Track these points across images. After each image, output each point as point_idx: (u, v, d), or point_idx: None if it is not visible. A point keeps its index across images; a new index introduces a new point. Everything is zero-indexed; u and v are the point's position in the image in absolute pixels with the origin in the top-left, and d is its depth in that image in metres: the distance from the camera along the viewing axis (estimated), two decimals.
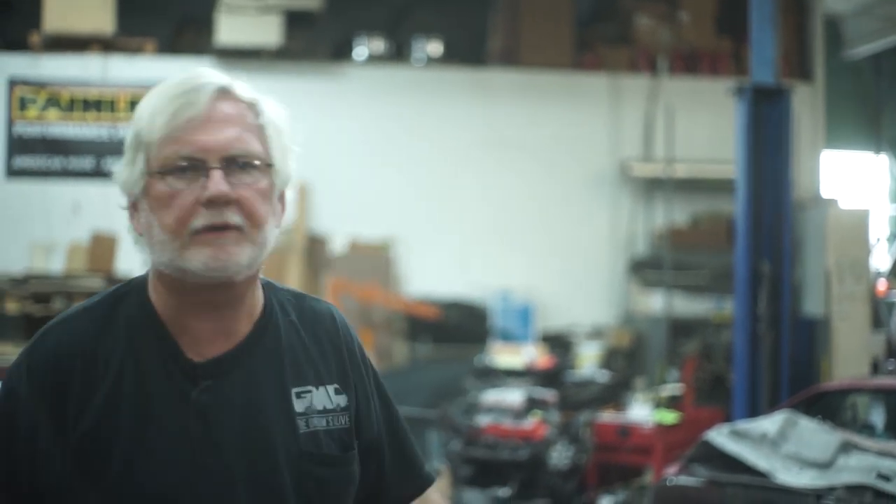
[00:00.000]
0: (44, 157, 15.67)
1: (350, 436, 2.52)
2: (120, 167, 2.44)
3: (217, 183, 2.32)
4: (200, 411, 2.37)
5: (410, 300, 15.64)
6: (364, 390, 2.60)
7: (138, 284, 2.51)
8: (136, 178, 2.39)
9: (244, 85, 2.47)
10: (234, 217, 2.34)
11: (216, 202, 2.32)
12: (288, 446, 2.42)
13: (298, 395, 2.47)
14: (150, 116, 2.39)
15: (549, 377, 13.99)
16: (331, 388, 2.52)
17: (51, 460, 2.34)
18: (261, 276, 2.52)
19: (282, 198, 2.49)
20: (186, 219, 2.33)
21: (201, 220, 2.33)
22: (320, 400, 2.49)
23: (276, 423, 2.43)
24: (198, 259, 2.33)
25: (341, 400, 2.52)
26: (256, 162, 2.39)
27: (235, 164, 2.36)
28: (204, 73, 2.45)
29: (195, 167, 2.34)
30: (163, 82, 2.45)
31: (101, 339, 2.42)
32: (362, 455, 2.56)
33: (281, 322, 2.53)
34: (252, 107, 2.44)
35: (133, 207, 2.44)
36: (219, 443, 2.36)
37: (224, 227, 2.33)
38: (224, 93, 2.42)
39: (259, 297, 2.52)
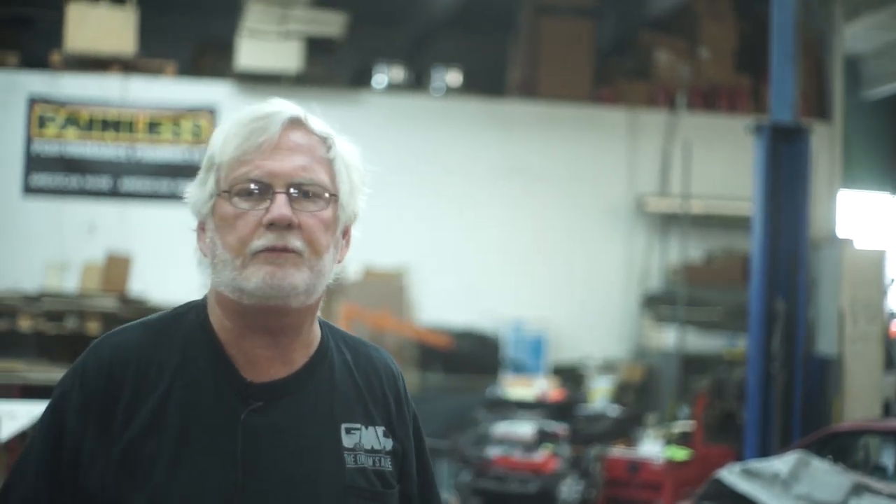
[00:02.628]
0: (61, 175, 15.69)
1: (394, 479, 2.55)
2: (192, 188, 2.50)
3: (280, 206, 2.38)
4: (248, 431, 2.38)
5: (422, 328, 15.62)
6: (409, 440, 2.63)
7: (199, 305, 2.56)
8: (206, 199, 2.46)
9: (318, 119, 2.53)
10: (294, 241, 2.40)
11: (278, 225, 2.38)
12: (333, 478, 2.44)
13: (348, 431, 2.50)
14: (223, 139, 2.46)
15: (560, 410, 13.96)
16: (379, 430, 2.55)
17: (95, 465, 2.38)
18: (319, 315, 2.57)
19: (346, 233, 2.56)
20: (248, 239, 2.39)
21: (263, 240, 2.38)
22: (369, 440, 2.53)
23: (322, 453, 2.45)
24: (256, 277, 2.38)
25: (388, 444, 2.55)
26: (321, 191, 2.45)
27: (300, 191, 2.42)
28: (280, 103, 2.51)
29: (262, 190, 2.41)
30: (242, 110, 2.50)
31: (155, 352, 2.46)
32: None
33: (336, 360, 2.57)
34: (324, 140, 2.51)
35: (201, 228, 2.50)
36: (263, 465, 2.37)
37: (284, 250, 2.39)
38: (297, 123, 2.48)
39: (317, 332, 2.57)
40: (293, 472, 2.38)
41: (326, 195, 2.45)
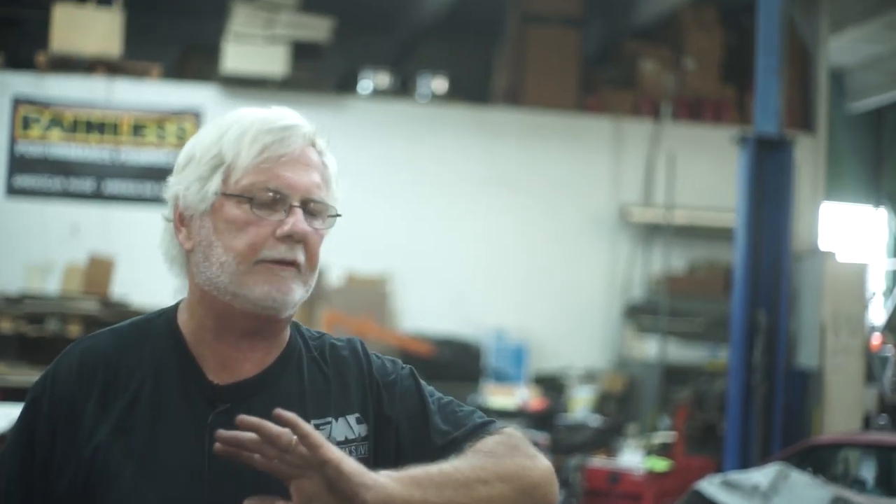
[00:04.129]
0: (45, 177, 15.65)
1: (368, 466, 2.47)
2: (183, 180, 2.49)
3: (300, 221, 2.44)
4: (215, 434, 2.36)
5: (404, 335, 15.61)
6: (386, 419, 2.60)
7: (169, 310, 2.59)
8: (209, 196, 2.46)
9: (321, 134, 2.58)
10: (301, 255, 2.46)
11: (293, 238, 2.43)
12: None
13: (318, 427, 2.48)
14: (237, 141, 2.46)
15: (541, 419, 13.96)
16: (352, 418, 2.56)
17: (65, 469, 2.40)
18: None
19: None
20: (259, 247, 2.42)
21: (275, 252, 2.43)
22: (340, 431, 2.53)
23: None
24: (260, 289, 2.41)
25: (362, 429, 2.57)
26: (326, 210, 2.52)
27: (310, 207, 2.48)
28: (293, 113, 2.55)
29: (277, 201, 2.44)
30: (243, 112, 2.53)
31: (124, 357, 2.49)
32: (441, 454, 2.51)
33: (304, 356, 2.60)
34: (323, 157, 2.57)
35: (180, 222, 2.50)
36: (231, 467, 2.35)
37: (291, 263, 2.44)
38: (311, 140, 2.54)
39: (287, 331, 2.60)
40: (261, 474, 2.35)
41: (327, 214, 2.52)
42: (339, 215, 2.53)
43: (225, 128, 2.49)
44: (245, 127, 2.47)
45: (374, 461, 2.53)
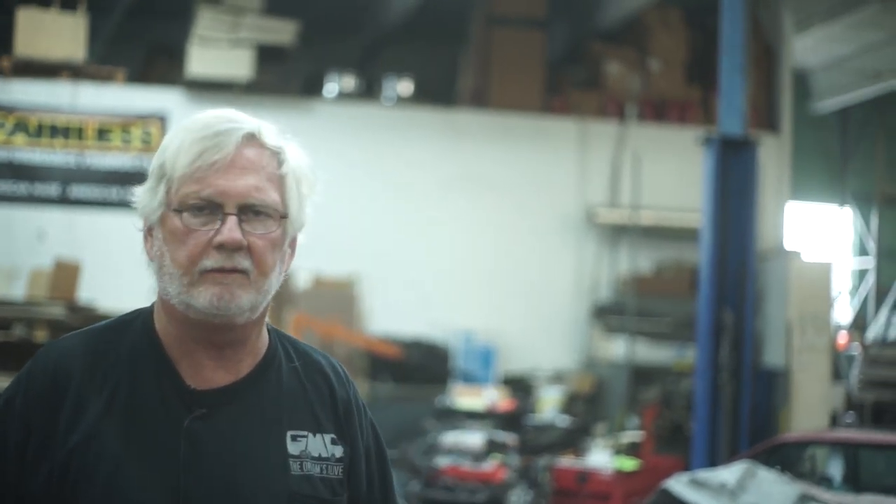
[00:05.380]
0: (9, 182, 15.57)
1: (342, 487, 2.53)
2: (141, 192, 2.49)
3: (231, 230, 2.38)
4: (191, 438, 2.38)
5: (372, 338, 15.60)
6: (358, 446, 2.61)
7: (145, 312, 2.56)
8: (155, 208, 2.45)
9: (272, 130, 2.51)
10: (243, 262, 2.40)
11: (227, 247, 2.38)
12: (276, 485, 2.43)
13: (294, 438, 2.48)
14: (175, 151, 2.43)
15: (509, 420, 13.98)
16: (328, 438, 2.54)
17: (39, 471, 2.39)
18: (268, 321, 2.57)
19: (292, 243, 2.55)
20: (198, 258, 2.39)
21: (211, 261, 2.38)
22: (316, 447, 2.51)
23: (265, 460, 2.44)
24: (203, 297, 2.38)
25: (337, 451, 2.54)
26: (271, 212, 2.44)
27: (251, 211, 2.42)
28: (235, 116, 2.48)
29: (212, 210, 2.40)
30: (194, 118, 2.48)
31: (100, 359, 2.47)
32: None
33: (284, 367, 2.57)
34: (276, 155, 2.49)
35: (148, 232, 2.49)
36: (205, 471, 2.36)
37: (232, 270, 2.40)
38: (251, 138, 2.46)
39: (265, 339, 2.56)
40: (236, 479, 2.37)
41: (276, 215, 2.45)
42: (284, 216, 2.46)
43: (171, 137, 2.47)
44: (184, 136, 2.43)
45: (349, 485, 2.55)
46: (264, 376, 2.52)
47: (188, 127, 2.45)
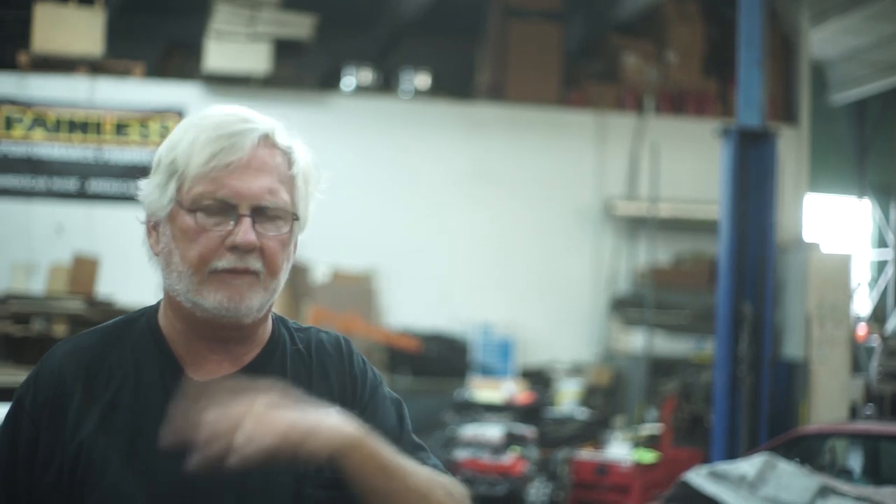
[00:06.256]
0: (28, 177, 15.62)
1: None
2: (147, 186, 2.49)
3: (246, 231, 2.39)
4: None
5: (391, 331, 15.60)
6: (372, 415, 2.59)
7: (150, 310, 2.58)
8: (165, 204, 2.45)
9: (282, 129, 2.51)
10: (255, 263, 2.41)
11: (242, 249, 2.39)
12: (283, 469, 2.42)
13: None
14: (189, 148, 2.43)
15: (528, 413, 13.98)
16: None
17: (49, 468, 2.41)
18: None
19: (295, 242, 2.55)
20: (209, 257, 2.40)
21: (224, 262, 2.40)
22: None
23: None
24: (213, 298, 2.40)
25: None
26: (284, 214, 2.45)
27: (264, 213, 2.43)
28: (249, 115, 2.48)
29: (226, 211, 2.40)
30: (204, 114, 2.48)
31: (106, 356, 2.50)
32: None
33: (288, 351, 2.59)
34: (287, 155, 2.49)
35: (152, 227, 2.49)
36: (212, 462, 2.34)
37: (244, 272, 2.41)
38: (265, 139, 2.46)
39: (268, 328, 2.58)
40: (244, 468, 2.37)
41: (287, 216, 2.46)
42: (296, 218, 2.47)
43: (182, 133, 2.47)
44: (197, 133, 2.43)
45: None
46: (268, 363, 2.54)
47: (200, 124, 2.45)
